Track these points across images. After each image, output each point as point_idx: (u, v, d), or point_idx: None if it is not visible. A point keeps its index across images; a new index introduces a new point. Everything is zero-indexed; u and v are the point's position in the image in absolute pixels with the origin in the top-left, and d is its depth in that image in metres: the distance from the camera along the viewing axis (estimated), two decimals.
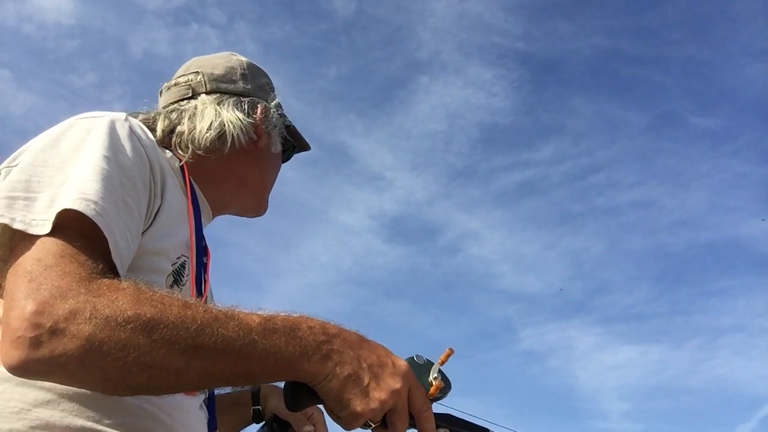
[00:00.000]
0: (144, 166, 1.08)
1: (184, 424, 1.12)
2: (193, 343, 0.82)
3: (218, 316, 0.86)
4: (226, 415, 1.45)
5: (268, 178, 1.50)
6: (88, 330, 0.78)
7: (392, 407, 0.92)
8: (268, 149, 1.46)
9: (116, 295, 0.82)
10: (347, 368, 0.91)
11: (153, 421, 1.04)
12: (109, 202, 0.93)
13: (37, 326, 0.78)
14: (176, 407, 1.10)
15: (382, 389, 0.91)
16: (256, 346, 0.86)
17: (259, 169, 1.46)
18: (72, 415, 0.94)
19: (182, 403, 1.13)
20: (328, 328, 0.94)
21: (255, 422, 1.54)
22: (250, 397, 1.54)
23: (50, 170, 0.96)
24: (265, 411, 1.53)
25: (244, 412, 1.54)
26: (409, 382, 0.95)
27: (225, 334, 0.84)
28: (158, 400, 1.05)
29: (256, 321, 0.89)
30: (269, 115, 1.45)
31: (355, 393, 0.90)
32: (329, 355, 0.91)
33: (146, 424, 1.03)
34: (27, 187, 0.93)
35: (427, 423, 0.97)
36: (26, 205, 0.91)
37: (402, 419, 0.94)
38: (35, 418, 0.92)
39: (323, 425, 1.48)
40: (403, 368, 0.95)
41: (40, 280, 0.82)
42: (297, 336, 0.90)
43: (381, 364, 0.94)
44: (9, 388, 0.93)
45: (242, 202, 1.48)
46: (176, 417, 1.09)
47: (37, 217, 0.89)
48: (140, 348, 0.79)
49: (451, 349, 1.05)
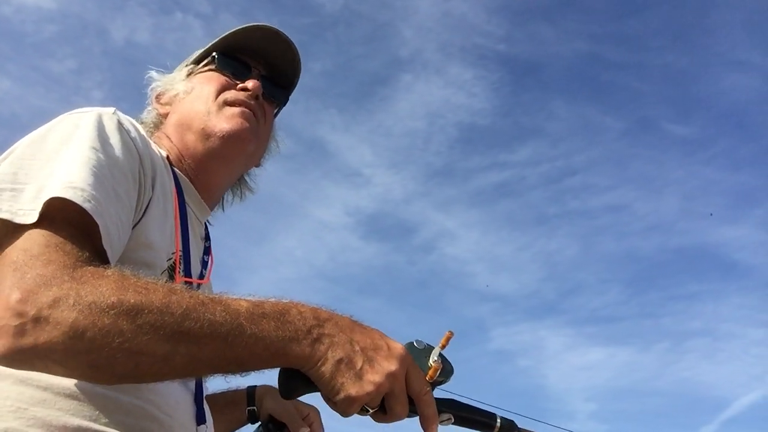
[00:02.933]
0: (133, 158, 1.08)
1: (182, 422, 1.12)
2: (179, 328, 0.82)
3: (204, 302, 0.85)
4: (220, 415, 1.44)
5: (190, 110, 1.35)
6: (71, 317, 0.78)
7: (389, 391, 0.90)
8: (175, 100, 1.41)
9: (100, 282, 0.82)
10: (339, 352, 0.89)
11: (150, 419, 1.03)
12: (98, 190, 0.93)
13: (21, 314, 0.77)
14: (173, 405, 1.09)
15: (376, 372, 0.88)
16: (244, 331, 0.85)
17: (179, 116, 1.37)
18: (69, 414, 0.94)
19: (178, 400, 1.12)
20: (319, 312, 0.92)
21: (250, 423, 1.53)
22: (245, 398, 1.53)
23: (38, 163, 0.97)
24: (260, 411, 1.52)
25: (239, 413, 1.52)
26: (406, 364, 0.92)
27: (211, 319, 0.84)
28: (155, 398, 1.05)
29: (245, 306, 0.88)
30: (167, 91, 1.44)
31: (348, 376, 0.88)
32: (320, 339, 0.89)
33: (143, 423, 1.02)
34: (14, 179, 0.93)
35: (428, 407, 0.94)
36: (13, 196, 0.91)
37: (400, 403, 0.91)
38: (32, 416, 0.92)
39: (319, 425, 1.47)
40: (399, 350, 0.92)
41: (25, 269, 0.82)
42: (287, 321, 0.88)
43: (375, 347, 0.91)
44: (6, 387, 0.93)
45: (203, 150, 1.32)
46: (172, 414, 1.09)
47: (24, 207, 0.89)
48: (124, 334, 0.79)
49: (450, 332, 1.02)
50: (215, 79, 1.37)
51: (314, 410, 1.48)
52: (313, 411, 1.48)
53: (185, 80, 1.43)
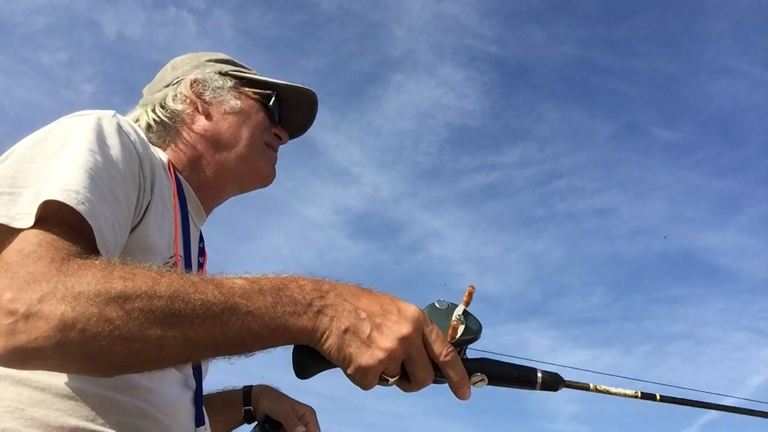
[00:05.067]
0: (132, 160, 1.08)
1: (179, 421, 1.12)
2: (169, 310, 0.79)
3: (195, 282, 0.83)
4: (217, 415, 1.44)
5: (235, 135, 1.43)
6: (60, 309, 0.77)
7: (406, 356, 0.85)
8: (219, 111, 1.42)
9: (85, 272, 0.81)
10: (344, 321, 0.85)
11: (147, 419, 1.03)
12: (93, 193, 0.93)
13: (12, 313, 0.77)
14: (170, 405, 1.09)
15: (386, 337, 0.84)
16: (239, 309, 0.82)
17: (217, 130, 1.41)
18: (66, 415, 0.94)
19: (176, 400, 1.12)
20: (322, 284, 0.88)
21: (246, 422, 1.53)
22: (242, 398, 1.53)
23: (35, 166, 0.96)
24: (256, 411, 1.51)
25: (236, 413, 1.52)
26: (421, 326, 0.86)
27: (203, 298, 0.81)
28: (153, 398, 1.05)
29: (239, 284, 0.85)
30: (204, 83, 1.44)
31: (356, 345, 0.84)
32: (323, 311, 0.85)
33: (140, 423, 1.02)
34: (12, 183, 0.93)
35: (453, 369, 0.88)
36: (11, 200, 0.91)
37: (422, 367, 0.86)
38: (29, 417, 0.92)
39: (315, 425, 1.46)
40: (411, 312, 0.87)
41: (16, 268, 0.81)
42: (285, 295, 0.85)
43: (384, 312, 0.86)
44: (3, 388, 0.93)
45: (231, 172, 1.42)
46: (170, 414, 1.08)
47: (21, 211, 0.89)
48: (115, 321, 0.78)
49: (472, 287, 0.94)
50: (261, 116, 1.48)
51: (310, 410, 1.47)
52: (309, 411, 1.47)
53: (233, 94, 1.45)
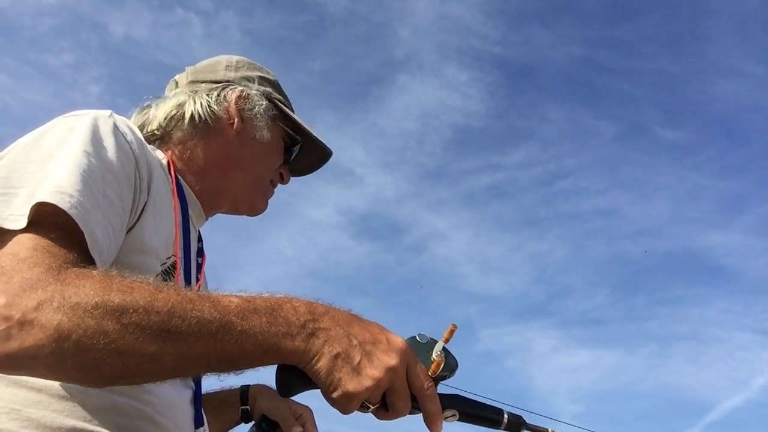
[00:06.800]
0: (128, 161, 1.07)
1: (177, 422, 1.11)
2: (165, 326, 0.80)
3: (192, 299, 0.84)
4: (214, 415, 1.43)
5: (252, 164, 1.44)
6: (56, 319, 0.76)
7: (390, 386, 0.87)
8: (249, 134, 1.42)
9: (84, 282, 0.81)
10: (336, 346, 0.86)
11: (145, 420, 1.03)
12: (86, 196, 0.92)
13: (7, 319, 0.76)
14: (168, 406, 1.09)
15: (375, 366, 0.86)
16: (234, 328, 0.82)
17: (239, 153, 1.41)
18: (63, 416, 0.93)
19: (174, 401, 1.12)
20: (315, 306, 0.90)
21: (243, 422, 1.52)
22: (239, 397, 1.53)
23: (31, 167, 0.96)
24: (253, 411, 1.51)
25: (233, 412, 1.52)
26: (407, 359, 0.89)
27: (199, 316, 0.81)
28: (151, 399, 1.04)
29: (235, 302, 0.86)
30: (250, 101, 1.44)
31: (345, 371, 0.85)
32: (315, 334, 0.86)
33: (138, 424, 1.02)
34: (6, 184, 0.92)
35: (430, 403, 0.91)
36: (4, 201, 0.90)
37: (402, 399, 0.89)
38: (26, 417, 0.91)
39: (312, 425, 1.47)
40: (399, 344, 0.89)
41: (11, 273, 0.81)
42: (279, 316, 0.86)
43: (374, 341, 0.88)
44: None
45: (231, 194, 1.44)
46: (168, 416, 1.08)
47: (15, 212, 0.89)
48: (110, 334, 0.77)
49: (454, 325, 0.98)
50: (279, 156, 1.51)
51: (307, 410, 1.47)
52: (307, 411, 1.47)
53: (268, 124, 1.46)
